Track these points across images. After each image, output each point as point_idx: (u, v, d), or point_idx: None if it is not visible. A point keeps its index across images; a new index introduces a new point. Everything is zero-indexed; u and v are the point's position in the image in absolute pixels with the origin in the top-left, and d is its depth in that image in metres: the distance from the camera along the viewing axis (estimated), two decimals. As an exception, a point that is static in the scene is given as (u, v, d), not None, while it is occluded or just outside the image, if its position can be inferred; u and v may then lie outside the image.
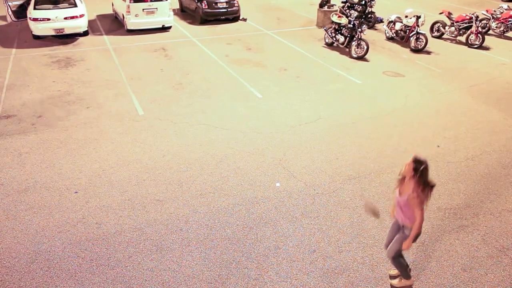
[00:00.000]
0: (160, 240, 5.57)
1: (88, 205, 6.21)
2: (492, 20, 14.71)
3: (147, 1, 14.85)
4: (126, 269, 5.11)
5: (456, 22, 14.20)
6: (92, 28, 15.58)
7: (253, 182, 6.78)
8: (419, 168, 4.10)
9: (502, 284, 4.91)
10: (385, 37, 14.50)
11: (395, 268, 4.89)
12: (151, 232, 5.71)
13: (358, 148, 7.77)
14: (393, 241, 4.61)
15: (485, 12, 14.80)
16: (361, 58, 12.47)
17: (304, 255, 5.32)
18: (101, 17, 17.45)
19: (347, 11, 15.39)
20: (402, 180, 4.34)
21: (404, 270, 4.74)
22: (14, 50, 13.25)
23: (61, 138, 8.06)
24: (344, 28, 13.21)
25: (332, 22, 13.57)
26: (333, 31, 13.48)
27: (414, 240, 4.42)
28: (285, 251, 5.39)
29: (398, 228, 4.55)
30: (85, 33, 14.45)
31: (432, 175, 6.84)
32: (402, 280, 4.83)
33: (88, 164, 7.23)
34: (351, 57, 12.60)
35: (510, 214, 6.06)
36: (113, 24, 16.45)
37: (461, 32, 14.09)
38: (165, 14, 15.19)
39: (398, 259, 4.67)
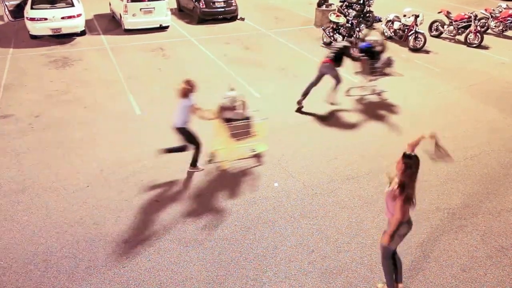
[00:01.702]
0: (158, 240, 5.54)
1: (86, 206, 6.18)
2: (491, 19, 14.72)
3: (144, 1, 14.81)
4: (123, 269, 5.08)
5: (455, 21, 14.20)
6: (90, 27, 15.53)
7: (251, 182, 6.75)
8: (408, 164, 4.09)
9: (502, 284, 4.90)
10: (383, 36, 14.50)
11: (383, 282, 4.74)
12: (149, 232, 5.68)
13: (357, 147, 7.75)
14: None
15: (484, 11, 14.80)
16: (360, 57, 12.45)
17: (303, 255, 5.30)
18: (98, 16, 17.40)
19: (345, 10, 15.36)
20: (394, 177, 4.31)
21: (389, 276, 4.56)
22: (11, 50, 13.20)
23: (58, 138, 8.02)
24: (342, 28, 13.20)
25: (330, 21, 13.54)
26: (331, 30, 13.46)
27: (399, 238, 4.28)
28: (284, 251, 5.37)
29: None
30: (82, 33, 14.40)
31: (431, 175, 6.89)
32: None
33: (85, 164, 7.20)
34: (350, 56, 12.57)
35: (509, 214, 6.05)
36: (111, 23, 16.41)
37: (460, 31, 14.09)
38: (162, 13, 15.17)
39: (387, 261, 4.50)
